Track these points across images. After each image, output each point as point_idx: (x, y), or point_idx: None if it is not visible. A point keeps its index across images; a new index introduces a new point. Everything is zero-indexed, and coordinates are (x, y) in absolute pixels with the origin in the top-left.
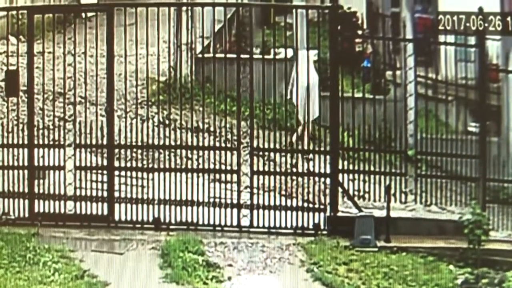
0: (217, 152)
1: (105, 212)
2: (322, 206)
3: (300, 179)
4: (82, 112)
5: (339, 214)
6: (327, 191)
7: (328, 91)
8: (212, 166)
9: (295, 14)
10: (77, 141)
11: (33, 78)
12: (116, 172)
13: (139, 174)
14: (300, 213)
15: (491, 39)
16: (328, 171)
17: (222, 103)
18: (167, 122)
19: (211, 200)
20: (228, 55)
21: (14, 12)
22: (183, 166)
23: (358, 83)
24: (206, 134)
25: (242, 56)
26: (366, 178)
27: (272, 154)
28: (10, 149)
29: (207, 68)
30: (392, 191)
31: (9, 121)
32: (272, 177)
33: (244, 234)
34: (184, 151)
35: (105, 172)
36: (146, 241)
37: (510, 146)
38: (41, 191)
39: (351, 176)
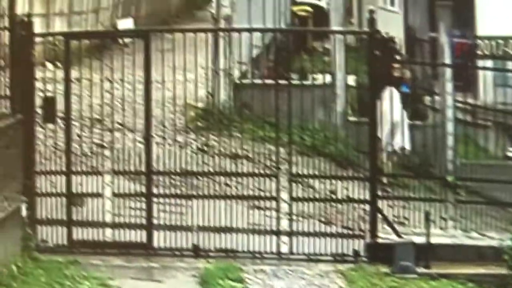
0: (256, 178)
1: (144, 239)
2: (361, 233)
3: (339, 205)
4: (120, 138)
5: (379, 240)
6: (367, 217)
7: (366, 116)
8: (251, 192)
9: (332, 39)
10: (115, 168)
11: (71, 104)
12: (155, 199)
13: (178, 201)
14: (339, 239)
15: None
16: (367, 197)
17: (261, 129)
18: (205, 148)
19: (250, 227)
20: (266, 81)
21: (51, 38)
22: (222, 193)
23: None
24: (244, 161)
25: (280, 81)
26: (406, 204)
27: (311, 181)
28: (48, 176)
29: (245, 94)
30: (432, 217)
31: (47, 148)
32: (311, 203)
33: (284, 261)
34: (222, 178)
35: (143, 199)
36: (185, 268)
37: None
38: (79, 218)
39: (390, 202)
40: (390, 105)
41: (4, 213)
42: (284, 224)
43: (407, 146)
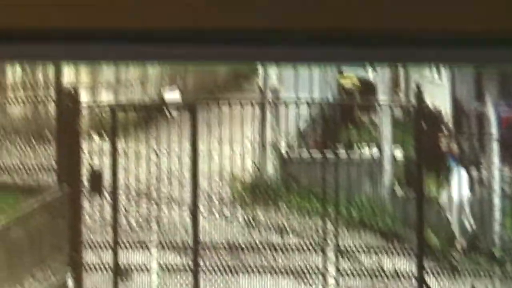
0: (303, 252)
1: None
2: None
3: (386, 279)
4: (166, 211)
5: None
6: None
7: (413, 190)
8: (297, 266)
9: (379, 111)
10: (162, 241)
11: (117, 176)
12: (202, 273)
13: (225, 274)
14: None
15: None
16: (414, 271)
17: (307, 202)
18: (252, 221)
19: None
20: (313, 154)
21: (97, 110)
22: (269, 267)
23: (443, 181)
24: (291, 234)
25: (327, 154)
26: (453, 278)
27: (358, 254)
28: (95, 249)
29: (292, 166)
30: None
31: (94, 220)
32: (358, 277)
33: None
34: (269, 251)
35: (190, 272)
36: None
37: None
38: None
39: (437, 276)
40: (458, 184)
41: (50, 286)
42: None
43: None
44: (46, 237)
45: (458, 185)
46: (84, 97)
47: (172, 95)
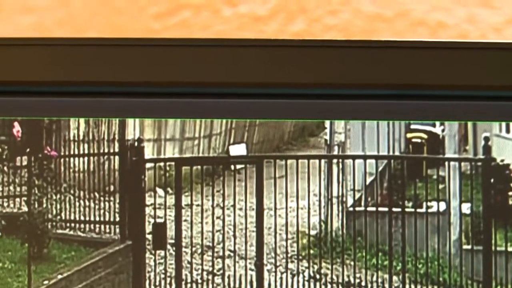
0: None
1: None
2: None
3: None
4: (231, 266)
5: None
6: None
7: (481, 245)
8: None
9: (447, 166)
10: None
11: (181, 231)
12: None
13: None
14: None
15: None
16: None
17: (374, 257)
18: (317, 276)
19: None
20: (380, 209)
21: (162, 164)
22: None
23: (511, 236)
24: None
25: (394, 209)
26: None
27: None
28: None
29: (358, 221)
30: None
31: (157, 274)
32: None
33: None
34: None
35: None
36: None
37: None
38: None
39: None
40: None
41: None
42: None
43: None
44: None
45: None
46: (148, 150)
47: (238, 149)
